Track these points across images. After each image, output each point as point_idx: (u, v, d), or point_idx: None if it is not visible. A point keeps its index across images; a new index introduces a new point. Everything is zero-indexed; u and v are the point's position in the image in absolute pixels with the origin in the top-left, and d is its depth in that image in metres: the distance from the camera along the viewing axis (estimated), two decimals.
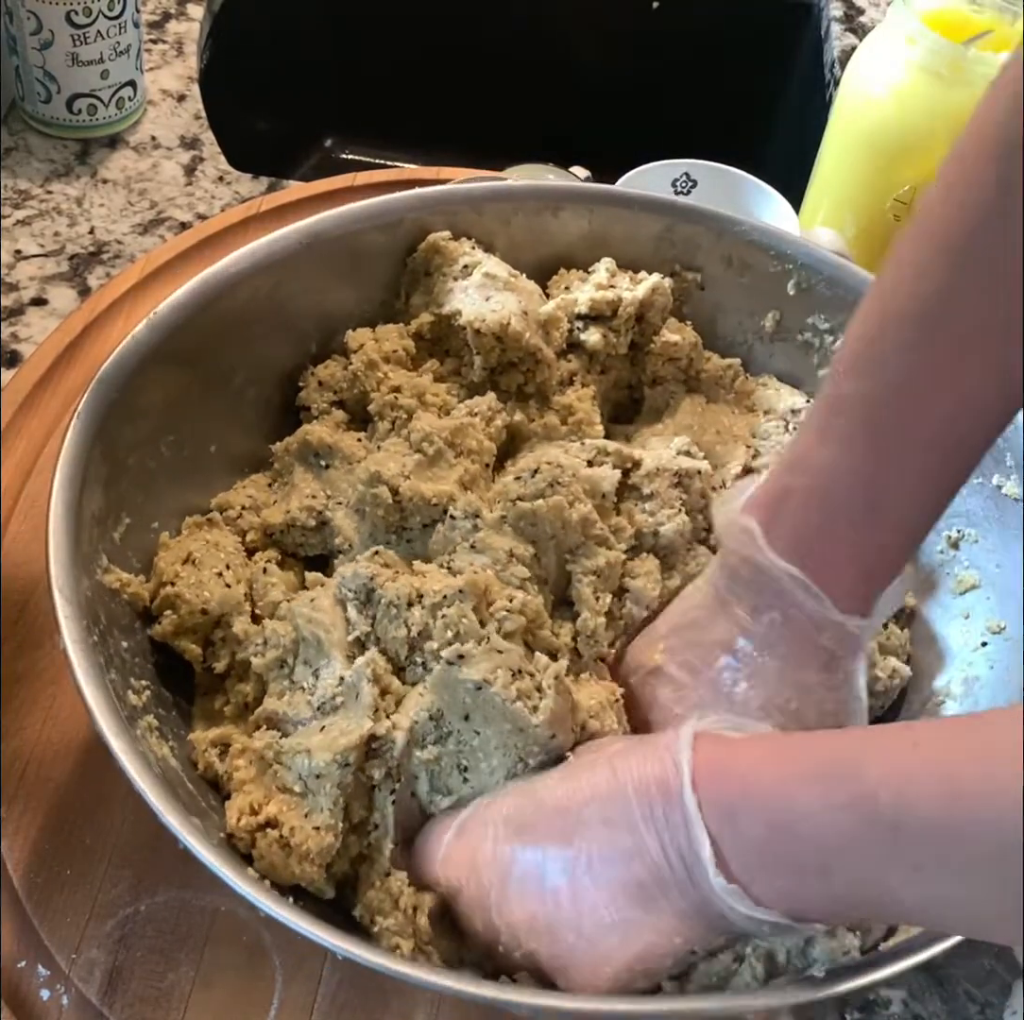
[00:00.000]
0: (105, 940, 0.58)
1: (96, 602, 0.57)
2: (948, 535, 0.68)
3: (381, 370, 0.68)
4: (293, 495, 0.65)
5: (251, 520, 0.65)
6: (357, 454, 0.66)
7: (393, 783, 0.55)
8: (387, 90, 1.24)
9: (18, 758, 0.63)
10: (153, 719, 0.56)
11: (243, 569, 0.62)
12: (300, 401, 0.69)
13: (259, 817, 0.54)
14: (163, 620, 0.60)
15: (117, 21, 0.92)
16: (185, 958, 0.58)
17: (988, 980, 0.61)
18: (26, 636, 0.67)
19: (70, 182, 0.94)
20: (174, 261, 0.84)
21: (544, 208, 0.74)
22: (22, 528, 0.71)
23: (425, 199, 0.72)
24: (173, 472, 0.64)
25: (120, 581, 0.59)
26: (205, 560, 0.61)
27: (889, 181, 0.83)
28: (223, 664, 0.60)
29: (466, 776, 0.55)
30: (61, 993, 0.57)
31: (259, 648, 0.59)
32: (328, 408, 0.69)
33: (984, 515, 0.67)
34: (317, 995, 0.58)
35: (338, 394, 0.69)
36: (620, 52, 1.22)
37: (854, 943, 0.54)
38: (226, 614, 0.60)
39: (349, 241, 0.70)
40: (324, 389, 0.69)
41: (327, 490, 0.65)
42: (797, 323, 0.73)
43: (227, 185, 0.95)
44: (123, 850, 0.61)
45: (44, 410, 0.76)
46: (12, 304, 0.85)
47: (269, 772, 0.55)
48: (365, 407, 0.68)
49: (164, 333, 0.63)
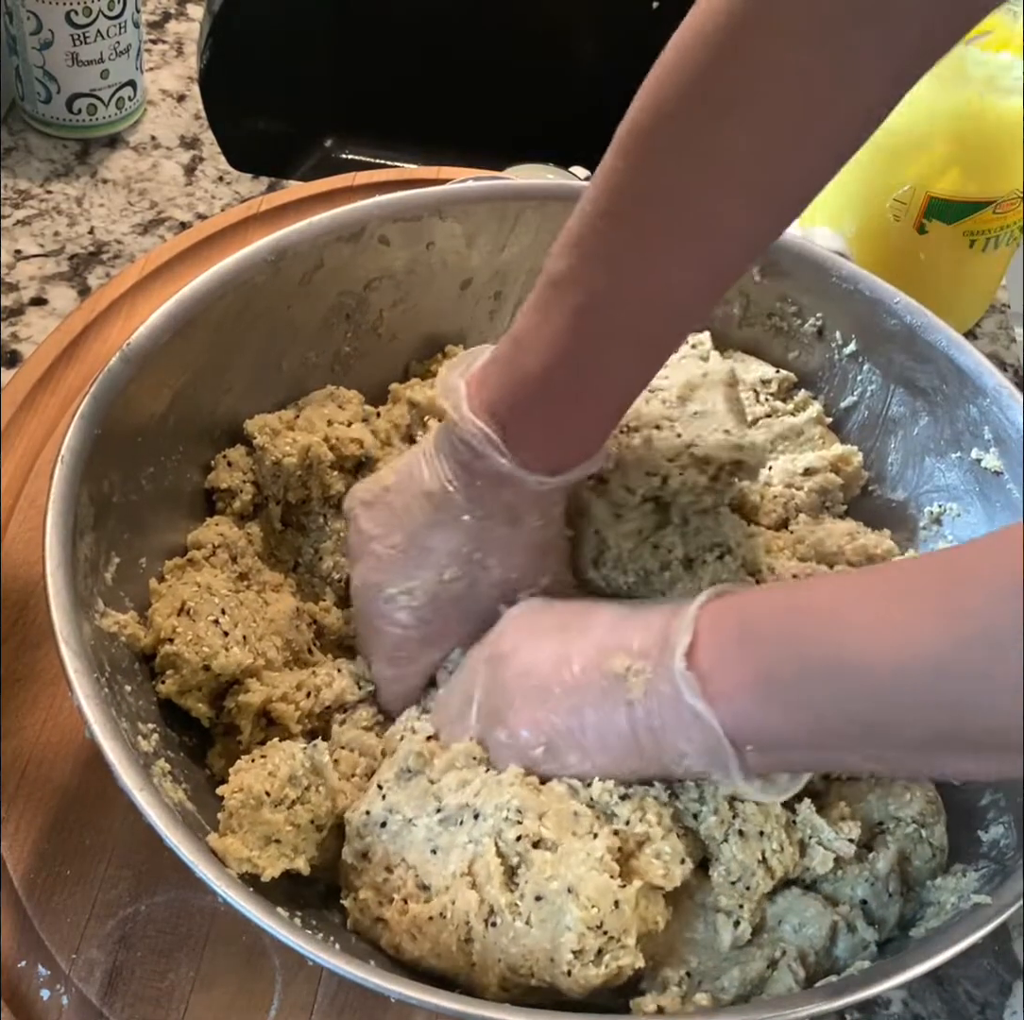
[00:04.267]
0: (105, 940, 0.58)
1: (99, 649, 0.56)
2: (930, 510, 0.69)
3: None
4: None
5: (223, 557, 0.64)
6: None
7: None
8: (387, 90, 1.24)
9: (18, 758, 0.63)
10: (164, 763, 0.55)
11: (238, 610, 0.61)
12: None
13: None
14: (166, 680, 0.59)
15: (117, 21, 0.92)
16: (185, 958, 0.58)
17: (988, 980, 0.62)
18: (25, 636, 0.67)
19: (70, 182, 0.94)
20: (174, 261, 0.84)
21: (523, 208, 0.73)
22: (21, 529, 0.71)
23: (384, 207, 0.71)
24: (155, 505, 0.64)
25: (118, 623, 0.59)
26: (200, 609, 0.60)
27: (889, 181, 0.83)
28: (247, 732, 0.60)
29: None
30: (61, 993, 0.57)
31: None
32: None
33: (965, 489, 0.68)
34: (317, 995, 0.58)
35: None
36: (620, 52, 1.22)
37: (873, 936, 0.55)
38: (236, 677, 0.60)
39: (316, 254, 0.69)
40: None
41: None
42: (764, 307, 0.74)
43: (227, 185, 0.95)
44: (123, 850, 0.61)
45: (44, 410, 0.76)
46: (12, 304, 0.85)
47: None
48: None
49: (139, 363, 0.62)
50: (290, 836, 0.54)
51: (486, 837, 0.53)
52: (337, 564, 0.67)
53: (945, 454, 0.68)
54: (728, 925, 0.54)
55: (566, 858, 0.52)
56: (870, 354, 0.71)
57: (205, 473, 0.67)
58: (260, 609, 0.63)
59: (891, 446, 0.71)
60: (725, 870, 0.54)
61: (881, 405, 0.71)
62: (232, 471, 0.67)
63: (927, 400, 0.69)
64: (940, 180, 0.82)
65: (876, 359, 0.71)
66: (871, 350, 0.71)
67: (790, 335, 0.74)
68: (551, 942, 0.51)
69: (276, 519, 0.67)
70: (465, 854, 0.53)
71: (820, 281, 0.71)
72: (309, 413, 0.69)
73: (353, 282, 0.71)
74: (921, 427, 0.70)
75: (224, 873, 0.51)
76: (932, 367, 0.68)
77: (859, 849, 0.56)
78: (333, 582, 0.67)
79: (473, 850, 0.53)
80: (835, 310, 0.72)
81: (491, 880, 0.52)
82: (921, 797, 0.58)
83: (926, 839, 0.57)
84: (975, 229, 0.84)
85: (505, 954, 0.52)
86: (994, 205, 0.82)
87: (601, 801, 0.54)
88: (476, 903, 0.52)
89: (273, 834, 0.54)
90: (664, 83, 0.52)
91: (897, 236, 0.85)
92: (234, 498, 0.67)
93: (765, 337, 0.75)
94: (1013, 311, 0.92)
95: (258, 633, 0.61)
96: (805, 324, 0.73)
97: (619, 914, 0.51)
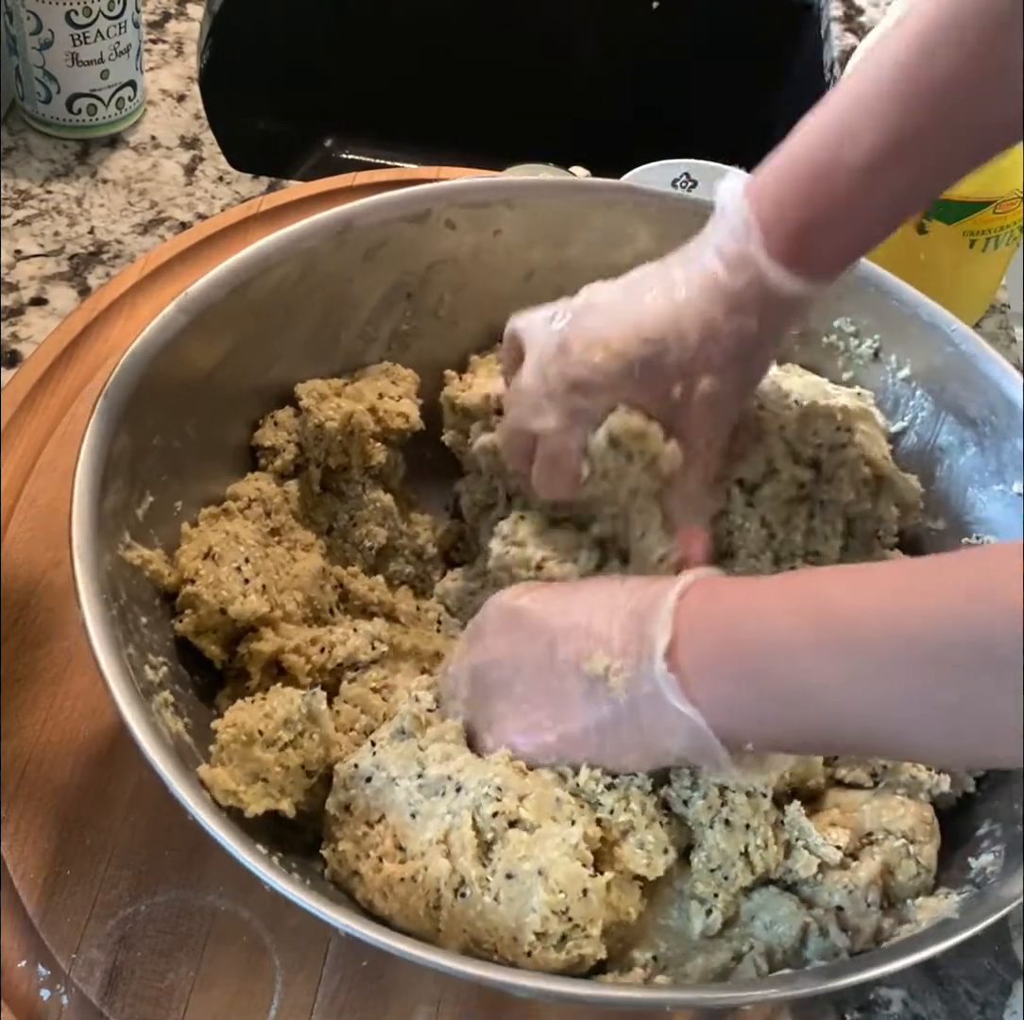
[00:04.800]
0: (105, 940, 0.58)
1: (117, 577, 0.57)
2: (967, 541, 0.68)
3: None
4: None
5: (257, 511, 0.66)
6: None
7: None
8: (387, 90, 1.24)
9: (18, 758, 0.63)
10: (169, 695, 0.57)
11: (262, 561, 0.63)
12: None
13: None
14: (184, 618, 0.60)
15: (117, 21, 0.92)
16: (185, 958, 0.58)
17: (988, 980, 0.61)
18: (26, 636, 0.67)
19: (70, 182, 0.94)
20: (174, 261, 0.84)
21: (589, 203, 0.73)
22: (21, 528, 0.71)
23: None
24: (198, 454, 0.65)
25: (142, 558, 0.60)
26: (224, 555, 0.62)
27: None
28: (256, 679, 0.61)
29: None
30: (61, 993, 0.57)
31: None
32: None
33: (1006, 523, 0.67)
34: (317, 995, 0.58)
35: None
36: (620, 52, 1.22)
37: (845, 943, 0.55)
38: (251, 624, 0.61)
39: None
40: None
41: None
42: (823, 326, 0.74)
43: (227, 185, 0.95)
44: (123, 850, 0.60)
45: (44, 410, 0.76)
46: (12, 304, 0.85)
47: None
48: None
49: (194, 314, 0.63)
50: (278, 777, 0.55)
51: (465, 810, 0.53)
52: (370, 533, 0.68)
53: (988, 486, 0.68)
54: (700, 913, 0.55)
55: (541, 841, 0.52)
56: (923, 380, 0.71)
57: (252, 430, 0.68)
58: (286, 564, 0.64)
59: (937, 474, 0.70)
60: (706, 856, 0.55)
61: (930, 433, 0.71)
62: (278, 430, 0.68)
63: (975, 430, 0.69)
64: None
65: (929, 386, 0.71)
66: (924, 376, 0.71)
67: (847, 356, 0.74)
68: (516, 921, 0.51)
69: (315, 482, 0.69)
70: (443, 824, 0.53)
71: (880, 304, 0.72)
72: (361, 385, 0.70)
73: (416, 263, 0.72)
74: (968, 457, 0.69)
75: (203, 800, 0.52)
76: (983, 398, 0.68)
77: (845, 857, 0.56)
78: (364, 549, 0.69)
79: (451, 821, 0.53)
80: (892, 333, 0.72)
81: (465, 852, 0.52)
82: (915, 814, 0.58)
83: (913, 855, 0.57)
84: (975, 229, 0.84)
85: (471, 926, 0.52)
86: (994, 205, 0.82)
87: (587, 789, 0.54)
88: (447, 872, 0.52)
89: (261, 772, 0.55)
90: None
91: (897, 236, 0.84)
92: (276, 456, 0.68)
93: (822, 356, 0.74)
94: (1013, 311, 0.92)
95: (280, 585, 0.63)
96: (862, 346, 0.73)
97: (586, 903, 0.52)
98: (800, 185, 0.58)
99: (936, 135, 0.57)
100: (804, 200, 0.58)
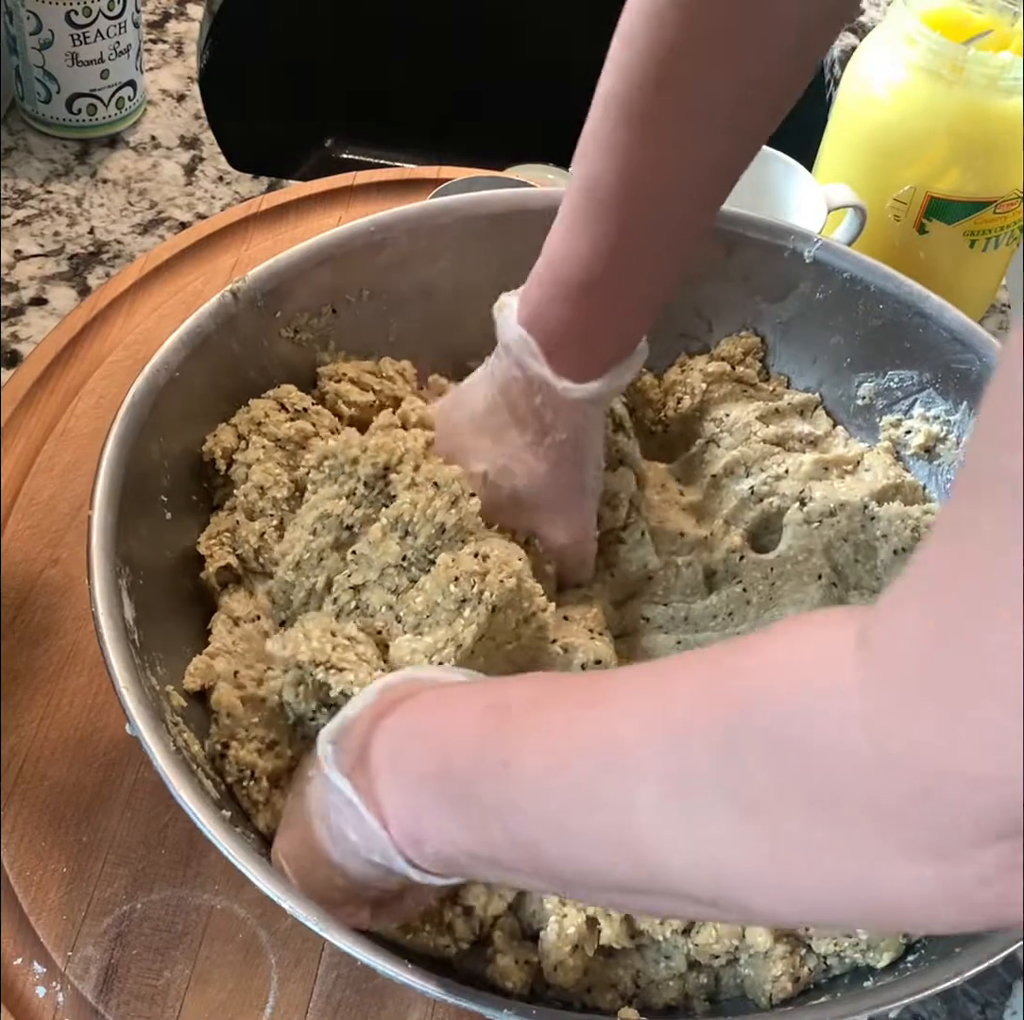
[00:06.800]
0: (101, 938, 0.58)
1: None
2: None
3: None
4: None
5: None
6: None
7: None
8: (387, 90, 1.24)
9: (15, 756, 0.63)
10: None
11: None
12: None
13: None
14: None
15: (117, 21, 0.92)
16: (181, 956, 0.58)
17: (988, 980, 0.61)
18: (23, 634, 0.67)
19: (70, 182, 0.94)
20: (173, 261, 0.84)
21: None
22: (20, 526, 0.71)
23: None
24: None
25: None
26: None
27: (889, 181, 0.83)
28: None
29: None
30: (57, 991, 0.57)
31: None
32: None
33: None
34: (313, 993, 0.57)
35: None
36: None
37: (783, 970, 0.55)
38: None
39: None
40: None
41: None
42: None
43: (227, 185, 0.95)
44: (119, 848, 0.60)
45: (43, 409, 0.76)
46: (12, 304, 0.85)
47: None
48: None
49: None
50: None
51: None
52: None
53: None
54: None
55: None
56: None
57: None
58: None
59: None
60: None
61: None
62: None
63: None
64: (940, 180, 0.82)
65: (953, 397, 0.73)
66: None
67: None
68: None
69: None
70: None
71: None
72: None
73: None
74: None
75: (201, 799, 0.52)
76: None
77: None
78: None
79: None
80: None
81: None
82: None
83: None
84: (975, 229, 0.84)
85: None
86: (994, 205, 0.82)
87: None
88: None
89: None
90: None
91: (897, 236, 0.85)
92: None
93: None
94: (1013, 311, 0.92)
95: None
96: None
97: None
98: (554, 304, 0.61)
99: (648, 237, 0.60)
100: (559, 316, 0.61)
